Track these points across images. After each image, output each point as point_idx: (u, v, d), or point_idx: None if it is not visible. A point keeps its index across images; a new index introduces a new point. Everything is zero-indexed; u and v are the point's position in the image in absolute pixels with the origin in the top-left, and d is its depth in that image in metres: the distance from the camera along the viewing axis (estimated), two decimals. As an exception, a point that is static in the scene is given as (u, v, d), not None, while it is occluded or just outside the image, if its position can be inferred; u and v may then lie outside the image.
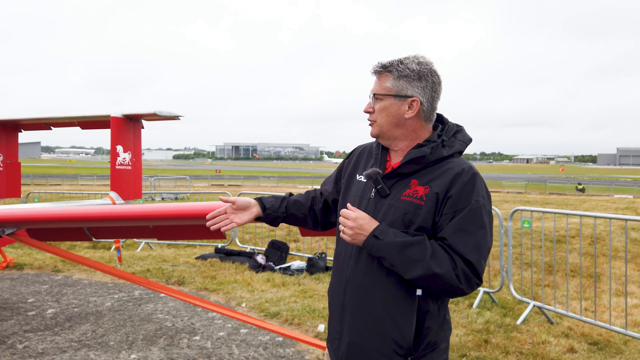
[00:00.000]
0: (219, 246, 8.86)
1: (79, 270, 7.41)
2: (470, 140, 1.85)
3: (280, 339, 4.67)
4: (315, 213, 2.07)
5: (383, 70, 1.79)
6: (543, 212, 6.01)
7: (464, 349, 4.45)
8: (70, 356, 4.28)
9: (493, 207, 6.37)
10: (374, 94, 1.80)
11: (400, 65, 1.75)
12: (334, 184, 2.05)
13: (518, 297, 5.72)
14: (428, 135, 1.80)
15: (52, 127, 7.16)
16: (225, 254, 8.28)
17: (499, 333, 4.83)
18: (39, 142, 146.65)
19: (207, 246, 9.53)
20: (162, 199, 17.60)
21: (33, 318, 5.28)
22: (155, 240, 9.70)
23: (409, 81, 1.74)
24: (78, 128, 7.08)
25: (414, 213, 1.69)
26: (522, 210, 6.08)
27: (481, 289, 5.98)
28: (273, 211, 2.01)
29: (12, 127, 7.01)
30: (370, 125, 1.83)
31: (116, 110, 6.46)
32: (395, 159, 1.82)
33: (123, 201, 6.61)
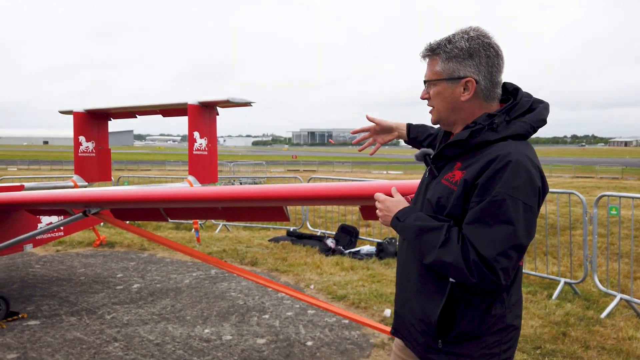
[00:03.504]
0: (291, 229, 9.06)
1: (163, 250, 7.92)
2: (540, 121, 1.64)
3: (346, 321, 4.71)
4: None
5: (431, 53, 1.70)
6: (633, 198, 5.51)
7: (538, 340, 4.23)
8: (151, 328, 4.62)
9: (575, 192, 5.91)
10: (425, 81, 1.73)
11: (448, 45, 1.64)
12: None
13: (603, 289, 5.32)
14: None
15: (137, 115, 7.65)
16: (297, 237, 8.46)
17: (580, 326, 4.53)
18: (131, 131, 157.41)
19: (280, 229, 9.79)
20: (240, 183, 18.27)
21: (120, 292, 5.74)
22: (231, 223, 10.13)
23: (459, 61, 1.63)
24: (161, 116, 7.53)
25: (446, 198, 1.62)
26: (609, 196, 5.61)
27: (562, 279, 5.63)
28: (418, 142, 2.11)
29: (103, 115, 7.57)
30: (430, 112, 1.77)
31: (193, 98, 6.77)
32: None
33: (200, 185, 6.94)
